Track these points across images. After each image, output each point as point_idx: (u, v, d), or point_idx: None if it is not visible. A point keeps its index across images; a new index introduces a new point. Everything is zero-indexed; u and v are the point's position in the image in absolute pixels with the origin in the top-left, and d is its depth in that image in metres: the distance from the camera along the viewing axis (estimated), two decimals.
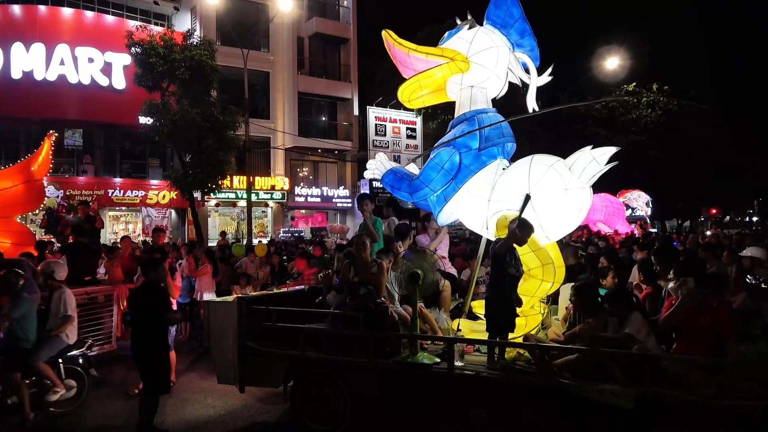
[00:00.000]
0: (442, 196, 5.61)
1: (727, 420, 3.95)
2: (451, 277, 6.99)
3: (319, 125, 28.87)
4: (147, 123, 18.44)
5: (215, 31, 23.70)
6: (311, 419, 5.54)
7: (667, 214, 35.36)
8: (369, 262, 5.64)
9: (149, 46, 17.19)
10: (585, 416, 4.38)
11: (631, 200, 16.84)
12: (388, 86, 25.25)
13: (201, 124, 17.12)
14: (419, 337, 5.24)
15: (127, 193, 22.15)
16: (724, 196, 34.30)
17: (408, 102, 6.16)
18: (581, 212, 5.13)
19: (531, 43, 5.75)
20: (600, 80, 25.50)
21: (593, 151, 5.00)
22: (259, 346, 5.79)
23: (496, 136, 5.52)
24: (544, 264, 5.24)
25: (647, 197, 17.22)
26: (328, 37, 28.39)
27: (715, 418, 3.99)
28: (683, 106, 23.44)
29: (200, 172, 18.09)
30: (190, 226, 22.21)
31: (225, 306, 5.99)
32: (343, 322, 5.51)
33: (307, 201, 27.19)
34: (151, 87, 17.76)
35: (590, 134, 23.34)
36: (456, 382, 4.89)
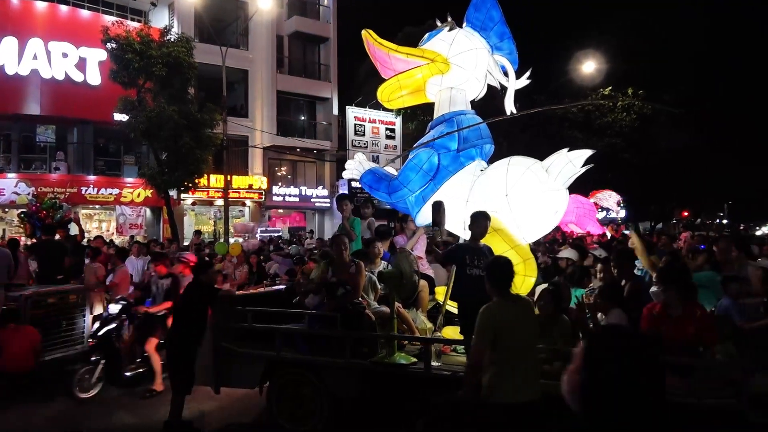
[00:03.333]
0: (421, 196, 5.64)
1: (699, 418, 4.04)
2: (429, 278, 7.01)
3: (298, 124, 28.73)
4: (122, 120, 18.14)
5: (193, 27, 23.41)
6: (288, 420, 5.51)
7: (641, 217, 36.00)
8: (347, 262, 5.64)
9: (125, 42, 16.90)
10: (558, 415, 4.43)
11: (602, 200, 16.97)
12: (367, 86, 25.24)
13: (178, 122, 16.89)
14: (396, 338, 5.25)
15: (101, 191, 21.74)
16: (696, 199, 35.01)
17: (387, 102, 6.18)
18: (558, 213, 5.21)
19: (510, 47, 5.83)
20: (577, 83, 25.83)
21: (570, 153, 5.08)
22: (234, 346, 5.75)
23: (474, 138, 5.56)
24: (526, 259, 5.30)
25: (618, 197, 17.40)
26: (308, 36, 28.27)
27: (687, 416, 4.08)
28: (657, 111, 23.86)
29: (176, 170, 17.87)
30: (165, 225, 21.91)
31: None
32: (320, 323, 5.49)
33: (285, 200, 27.03)
34: (126, 83, 17.46)
35: (567, 137, 23.62)
36: (433, 382, 4.91)
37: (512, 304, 3.71)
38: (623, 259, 5.51)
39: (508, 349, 3.54)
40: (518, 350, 3.57)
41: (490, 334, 3.53)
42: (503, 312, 3.62)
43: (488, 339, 3.54)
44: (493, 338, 3.53)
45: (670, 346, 4.25)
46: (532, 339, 3.72)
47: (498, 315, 3.59)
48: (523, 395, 3.52)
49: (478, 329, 3.59)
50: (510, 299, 3.74)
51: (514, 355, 3.55)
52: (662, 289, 4.47)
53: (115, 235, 21.74)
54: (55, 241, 9.46)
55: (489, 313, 3.59)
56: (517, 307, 3.71)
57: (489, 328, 3.55)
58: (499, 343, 3.55)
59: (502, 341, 3.55)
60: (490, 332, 3.53)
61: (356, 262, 5.65)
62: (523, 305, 3.81)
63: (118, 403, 6.60)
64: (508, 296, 3.74)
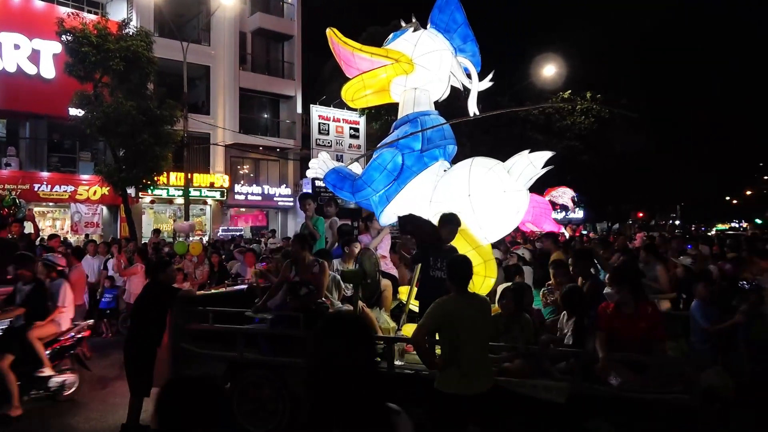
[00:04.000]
0: (385, 196, 5.65)
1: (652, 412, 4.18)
2: (392, 277, 7.03)
3: (261, 122, 28.40)
4: (78, 115, 17.59)
5: (153, 21, 22.87)
6: (249, 421, 5.45)
7: (599, 218, 36.99)
8: (310, 261, 5.60)
9: (81, 35, 16.39)
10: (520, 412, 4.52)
11: (557, 197, 17.24)
12: (332, 85, 25.14)
13: (136, 118, 16.47)
14: None
15: (55, 188, 21.01)
16: (650, 200, 36.18)
17: (351, 101, 6.17)
18: (519, 213, 5.30)
19: (473, 49, 5.89)
20: (538, 87, 26.33)
21: (531, 155, 5.17)
22: (195, 347, 5.65)
23: (438, 138, 5.61)
24: (486, 260, 5.37)
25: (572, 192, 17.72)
26: (272, 33, 27.98)
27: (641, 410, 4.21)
28: (614, 114, 24.52)
29: (135, 167, 17.43)
30: (123, 224, 21.35)
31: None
32: (283, 323, 5.45)
33: (248, 199, 26.69)
34: (82, 77, 16.94)
35: (528, 138, 24.07)
36: (396, 381, 4.93)
37: (466, 301, 3.85)
38: (581, 259, 5.68)
39: (456, 343, 3.74)
40: (467, 345, 3.74)
41: (435, 324, 3.83)
42: (455, 307, 3.79)
43: (430, 327, 3.85)
44: (438, 329, 3.84)
45: (625, 343, 4.39)
46: (483, 336, 3.88)
47: (448, 309, 3.79)
48: (471, 388, 3.71)
49: (426, 316, 3.88)
50: (465, 296, 3.88)
51: (464, 349, 3.73)
52: (616, 289, 4.62)
53: (70, 234, 21.06)
54: (6, 239, 9.12)
55: (439, 306, 3.83)
56: (470, 305, 3.84)
57: (435, 318, 3.81)
58: (447, 336, 3.79)
59: (450, 335, 3.76)
60: (436, 322, 3.81)
61: (319, 261, 5.62)
62: (477, 303, 3.94)
63: (76, 405, 6.40)
64: (464, 293, 3.89)
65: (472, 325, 3.77)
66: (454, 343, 3.75)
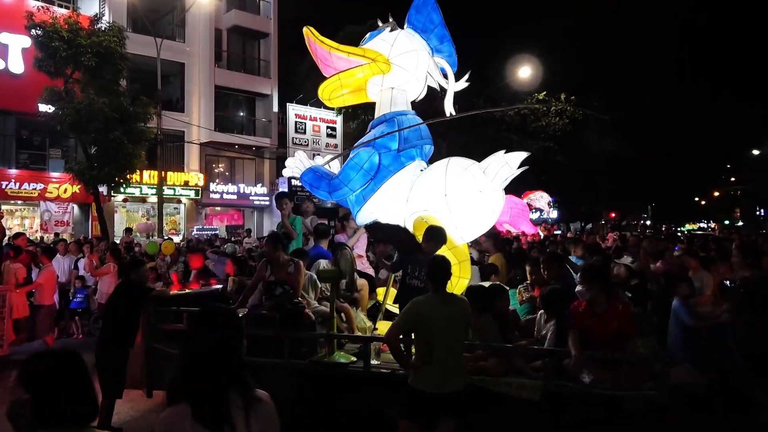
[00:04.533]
0: (361, 195, 5.65)
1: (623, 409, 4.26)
2: (368, 277, 7.04)
3: (237, 121, 28.13)
4: (48, 111, 17.19)
5: (126, 17, 22.46)
6: None
7: (572, 218, 37.53)
8: (285, 261, 5.57)
9: (52, 29, 16.01)
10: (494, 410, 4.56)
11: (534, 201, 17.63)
12: (308, 84, 24.99)
13: (108, 115, 16.15)
14: (335, 337, 5.25)
15: (23, 185, 20.50)
16: (622, 201, 36.83)
17: (328, 100, 6.15)
18: (494, 213, 5.34)
19: (449, 49, 5.92)
20: (514, 88, 26.59)
21: (506, 155, 5.22)
22: (168, 348, 5.58)
23: (414, 138, 5.63)
24: (461, 261, 5.40)
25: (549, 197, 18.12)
26: (248, 30, 27.73)
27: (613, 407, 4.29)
28: (587, 116, 24.89)
29: (107, 165, 17.10)
30: (94, 223, 20.94)
31: None
32: (258, 323, 5.41)
33: (223, 198, 26.41)
34: (53, 72, 16.56)
35: (503, 139, 24.28)
36: (372, 381, 4.94)
37: (441, 300, 3.89)
38: (553, 262, 5.78)
39: (429, 342, 3.79)
40: (441, 345, 3.78)
41: (409, 323, 3.91)
42: (429, 307, 3.85)
43: (404, 326, 3.94)
44: (413, 328, 3.90)
45: (596, 341, 4.47)
46: (457, 336, 3.91)
47: (422, 308, 3.85)
48: (443, 387, 3.76)
49: (400, 315, 4.02)
50: (442, 296, 3.92)
51: (437, 348, 3.78)
52: (587, 288, 4.69)
53: (40, 233, 20.59)
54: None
55: (414, 305, 3.90)
56: (445, 305, 3.88)
57: (409, 317, 3.89)
58: (421, 335, 3.86)
59: (424, 334, 3.82)
60: (410, 321, 3.89)
61: (295, 261, 5.59)
62: (453, 303, 3.97)
63: None
64: (441, 293, 3.93)
65: (446, 325, 3.81)
66: (428, 342, 3.80)
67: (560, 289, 5.38)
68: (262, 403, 2.03)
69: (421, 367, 3.83)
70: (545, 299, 5.12)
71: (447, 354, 3.80)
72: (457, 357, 3.94)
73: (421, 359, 3.85)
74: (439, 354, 3.77)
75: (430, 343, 3.78)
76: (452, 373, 3.82)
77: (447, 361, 3.80)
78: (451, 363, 3.83)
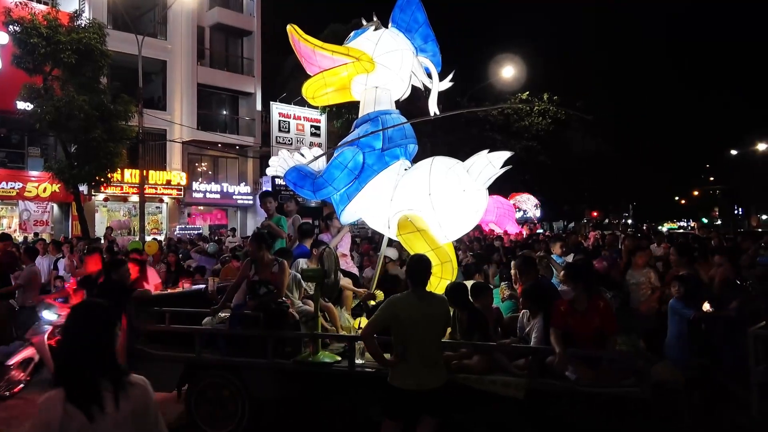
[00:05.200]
0: (345, 194, 5.63)
1: (606, 405, 4.31)
2: (353, 276, 7.04)
3: (220, 119, 27.93)
4: (26, 109, 16.92)
5: (106, 13, 22.17)
6: (208, 423, 5.36)
7: (555, 216, 37.83)
8: (269, 260, 5.55)
9: (30, 26, 15.75)
10: (478, 408, 4.59)
11: (521, 202, 17.87)
12: (292, 82, 24.91)
13: (89, 113, 15.93)
14: (320, 336, 5.24)
15: (1, 184, 20.16)
16: (604, 200, 37.25)
17: (312, 99, 6.12)
18: (478, 213, 5.36)
19: (434, 49, 5.91)
20: (498, 88, 26.73)
21: (489, 155, 5.23)
22: (150, 348, 5.52)
23: (399, 137, 5.62)
24: (443, 262, 5.41)
25: (536, 200, 18.35)
26: (231, 28, 27.53)
27: (595, 404, 4.34)
28: (570, 116, 25.12)
29: (87, 164, 16.87)
30: (75, 222, 20.64)
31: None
32: (242, 323, 5.38)
33: (206, 197, 26.21)
34: (31, 69, 16.30)
35: (487, 139, 24.40)
36: (357, 380, 4.93)
37: (418, 299, 3.92)
38: (526, 265, 5.86)
39: (405, 340, 3.83)
40: (416, 342, 3.82)
41: (385, 320, 3.93)
42: (405, 305, 3.88)
43: (380, 323, 3.96)
44: (388, 325, 3.91)
45: (578, 338, 4.52)
46: (433, 334, 3.95)
47: (398, 306, 3.89)
48: (421, 384, 3.79)
49: (377, 312, 4.03)
50: (418, 295, 3.94)
51: (412, 346, 3.82)
52: (571, 287, 4.74)
53: (18, 233, 20.26)
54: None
55: (390, 303, 3.96)
56: (422, 303, 3.91)
57: (385, 315, 3.92)
58: (396, 332, 3.88)
59: (400, 331, 3.85)
60: (386, 318, 3.91)
61: (279, 260, 5.57)
62: (430, 302, 3.99)
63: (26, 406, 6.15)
64: (419, 292, 3.96)
65: (422, 323, 3.84)
66: (403, 339, 3.84)
67: (541, 284, 5.44)
68: (134, 386, 2.32)
69: (398, 365, 3.86)
70: (526, 294, 5.16)
71: (423, 351, 3.83)
72: (434, 355, 3.95)
73: (397, 356, 3.88)
74: (415, 351, 3.81)
75: (406, 341, 3.82)
76: (430, 371, 3.85)
77: (424, 359, 3.83)
78: (428, 360, 3.86)
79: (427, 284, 4.07)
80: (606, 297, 5.19)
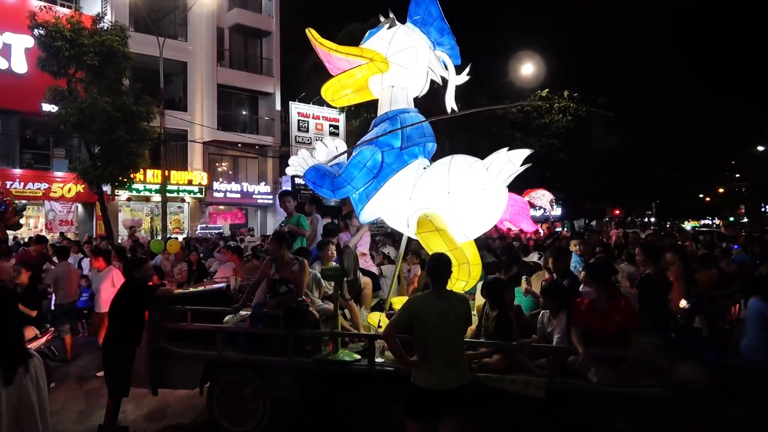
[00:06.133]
0: (364, 194, 5.63)
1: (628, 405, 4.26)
2: (372, 275, 7.04)
3: (240, 119, 28.17)
4: (51, 111, 17.25)
5: (128, 16, 22.51)
6: (228, 421, 5.42)
7: (576, 215, 37.42)
8: (290, 259, 5.58)
9: (54, 29, 16.06)
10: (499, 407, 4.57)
11: (536, 198, 17.41)
12: (311, 81, 24.99)
13: (111, 114, 16.21)
14: (339, 335, 5.25)
15: (28, 185, 20.58)
16: (626, 198, 36.70)
17: (333, 101, 6.14)
18: (498, 211, 5.32)
19: (450, 42, 5.85)
20: (517, 85, 26.50)
21: (509, 152, 5.19)
22: (173, 346, 5.59)
23: (417, 136, 5.60)
24: (460, 263, 5.37)
25: (551, 196, 17.91)
26: (250, 29, 27.74)
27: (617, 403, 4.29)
28: (591, 113, 24.81)
29: (110, 164, 17.16)
30: (98, 222, 21.00)
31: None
32: (263, 321, 5.42)
33: (227, 197, 26.46)
34: (56, 72, 16.63)
35: (506, 136, 24.22)
36: (376, 379, 4.94)
37: (438, 297, 3.91)
38: (562, 255, 5.83)
39: (427, 339, 3.83)
40: (438, 341, 3.82)
41: (406, 320, 3.91)
42: (425, 304, 3.89)
43: (402, 323, 3.93)
44: (410, 325, 3.90)
45: (599, 338, 4.47)
46: (454, 333, 3.93)
47: (419, 306, 3.90)
48: (442, 383, 3.78)
49: (398, 312, 4.04)
50: (438, 293, 3.94)
51: (434, 345, 3.81)
52: (594, 288, 4.69)
53: (44, 232, 20.65)
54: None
55: (411, 303, 4.00)
56: (443, 302, 3.90)
57: (406, 314, 3.92)
58: (417, 331, 3.87)
59: (421, 331, 3.85)
60: (407, 318, 3.91)
61: (299, 259, 5.60)
62: (452, 301, 3.98)
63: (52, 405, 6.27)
64: (439, 290, 3.95)
65: (443, 322, 3.83)
66: (424, 338, 3.84)
67: (561, 282, 5.40)
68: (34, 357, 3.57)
69: (420, 364, 3.86)
70: (546, 292, 5.12)
71: (445, 350, 3.82)
72: (456, 354, 3.94)
73: (419, 355, 3.88)
74: (436, 351, 3.80)
75: (427, 340, 3.82)
76: (452, 370, 3.83)
77: (445, 358, 3.81)
78: (450, 360, 3.84)
79: (447, 283, 4.05)
80: (627, 296, 5.12)
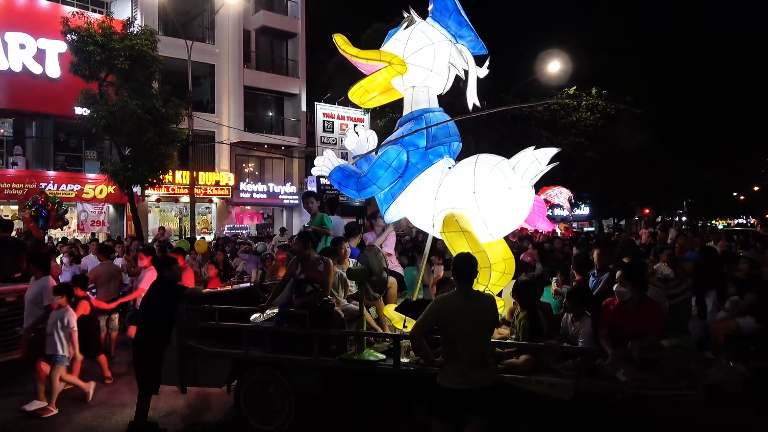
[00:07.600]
0: (390, 193, 5.63)
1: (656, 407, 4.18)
2: (397, 275, 7.04)
3: (266, 120, 28.44)
4: (83, 114, 17.68)
5: (157, 20, 22.92)
6: (255, 419, 5.47)
7: (605, 214, 36.83)
8: (315, 259, 5.61)
9: (86, 34, 16.46)
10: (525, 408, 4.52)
11: (553, 197, 16.75)
12: (336, 82, 25.12)
13: (141, 116, 16.53)
14: (365, 335, 5.26)
15: (61, 186, 21.10)
16: (656, 196, 35.97)
17: (362, 104, 6.17)
18: (524, 210, 5.27)
19: (470, 33, 5.77)
20: (543, 83, 26.21)
21: (536, 151, 5.13)
22: (201, 345, 5.67)
23: (442, 136, 5.58)
24: (482, 267, 5.32)
25: (569, 193, 17.19)
26: (276, 31, 27.99)
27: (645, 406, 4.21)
28: (619, 111, 24.40)
29: (140, 166, 17.50)
30: (129, 222, 21.43)
31: None
32: (288, 321, 5.46)
33: (253, 197, 26.74)
34: (88, 76, 17.03)
35: (533, 135, 23.96)
36: (402, 379, 4.94)
37: (463, 298, 3.89)
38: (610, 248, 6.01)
39: (453, 339, 3.80)
40: (464, 342, 3.79)
41: (432, 321, 3.90)
42: (452, 305, 3.86)
43: (428, 323, 3.92)
44: (435, 325, 3.88)
45: (626, 338, 4.41)
46: (480, 333, 3.90)
47: (445, 306, 3.88)
48: (468, 383, 3.76)
49: (425, 313, 3.95)
50: (464, 294, 3.91)
51: (460, 345, 3.79)
52: (629, 288, 4.65)
53: (77, 233, 21.17)
54: (12, 237, 9.16)
55: (437, 303, 3.98)
56: (468, 302, 3.87)
57: (432, 316, 3.89)
58: (444, 332, 3.86)
59: (448, 331, 3.83)
60: (432, 319, 3.89)
61: (324, 259, 5.62)
62: (477, 301, 3.95)
63: (80, 402, 6.44)
64: (465, 290, 3.92)
65: (469, 322, 3.81)
66: (450, 338, 3.82)
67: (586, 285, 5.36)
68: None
69: (446, 364, 3.85)
70: (571, 295, 5.07)
71: (471, 350, 3.80)
72: (482, 353, 3.91)
73: (444, 355, 3.87)
74: (462, 350, 3.78)
75: (453, 340, 3.80)
76: (479, 370, 3.82)
77: (471, 358, 3.79)
78: (476, 359, 3.82)
79: (473, 283, 4.03)
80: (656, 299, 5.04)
